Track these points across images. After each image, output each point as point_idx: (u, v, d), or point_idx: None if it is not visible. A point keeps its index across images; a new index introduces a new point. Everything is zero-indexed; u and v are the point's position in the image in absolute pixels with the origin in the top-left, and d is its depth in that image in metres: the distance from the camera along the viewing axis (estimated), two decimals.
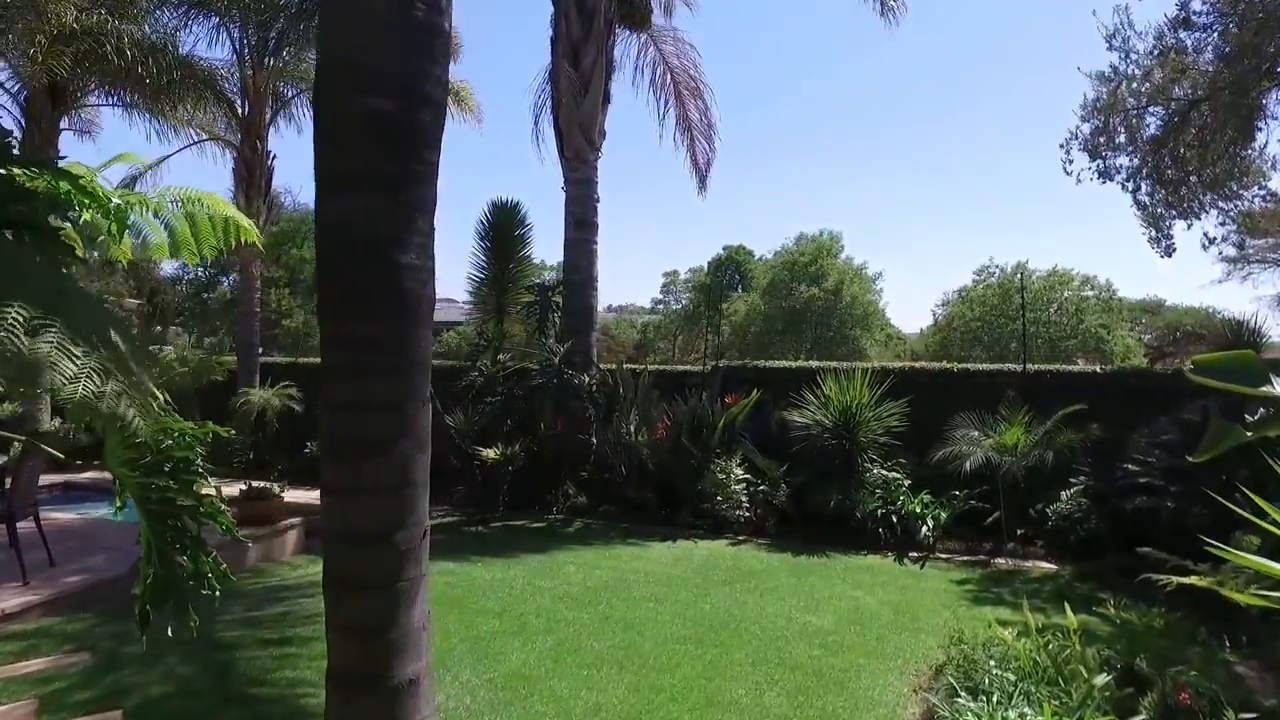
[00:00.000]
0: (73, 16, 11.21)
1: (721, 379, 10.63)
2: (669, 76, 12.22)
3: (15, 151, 2.47)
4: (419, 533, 2.89)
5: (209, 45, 13.97)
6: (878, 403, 9.23)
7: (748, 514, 9.33)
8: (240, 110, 13.70)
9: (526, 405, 10.88)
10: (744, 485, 9.45)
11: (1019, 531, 8.38)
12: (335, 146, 2.83)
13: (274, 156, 13.93)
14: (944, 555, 8.21)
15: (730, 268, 58.44)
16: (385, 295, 2.76)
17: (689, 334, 50.94)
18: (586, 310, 11.31)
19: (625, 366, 10.99)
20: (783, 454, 9.59)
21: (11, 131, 2.44)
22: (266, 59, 13.50)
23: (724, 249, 58.65)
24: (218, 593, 2.87)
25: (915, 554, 8.21)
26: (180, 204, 4.18)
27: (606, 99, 11.27)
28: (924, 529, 8.36)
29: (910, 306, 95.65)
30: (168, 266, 39.74)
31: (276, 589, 6.65)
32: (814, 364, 10.44)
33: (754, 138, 78.78)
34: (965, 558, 8.12)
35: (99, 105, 15.36)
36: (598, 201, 11.36)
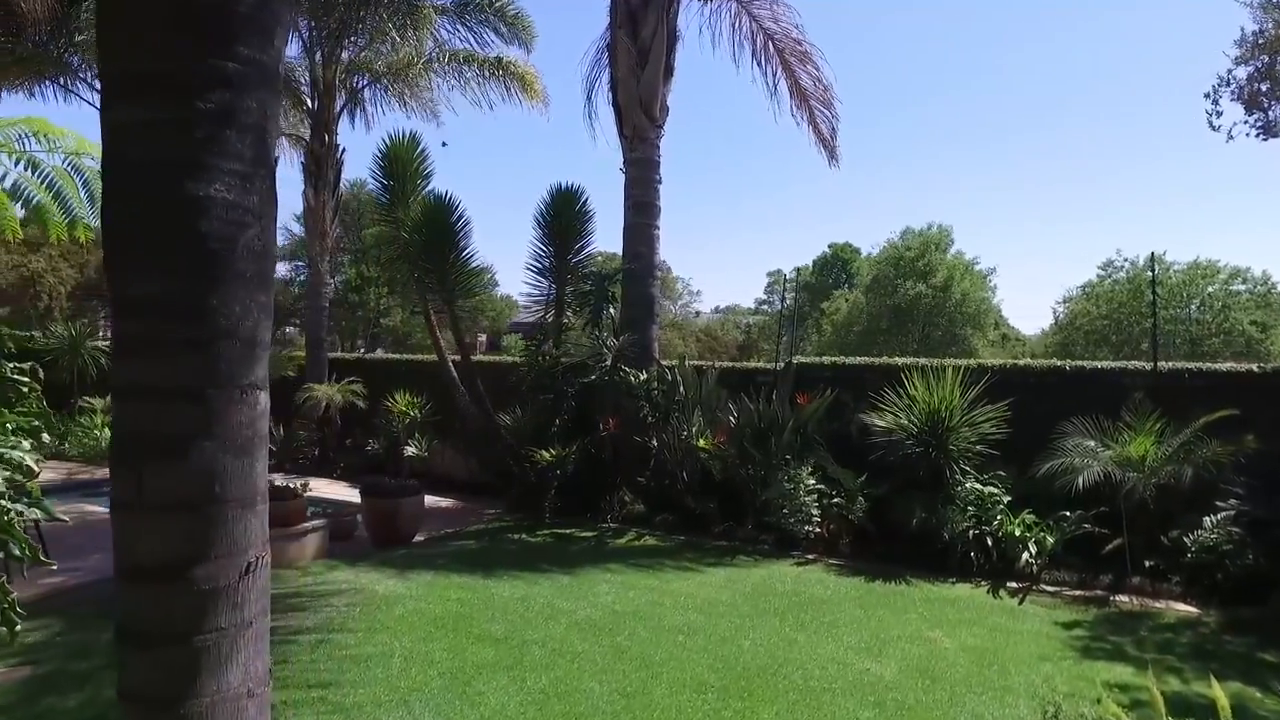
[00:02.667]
0: None
1: (794, 377, 9.53)
2: (770, 44, 11.09)
3: None
4: (237, 566, 2.09)
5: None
6: (972, 405, 7.92)
7: (818, 529, 8.22)
8: (310, 104, 13.59)
9: (577, 404, 10.12)
10: (815, 497, 8.33)
11: (1147, 564, 6.91)
12: (113, 35, 2.08)
13: (343, 150, 13.75)
14: (1049, 588, 6.85)
15: (836, 265, 56.42)
16: (174, 241, 1.98)
17: (793, 335, 49.41)
18: (646, 301, 10.43)
19: (688, 363, 10.04)
20: (861, 462, 8.41)
21: None
22: (337, 51, 13.32)
23: (829, 246, 56.80)
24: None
25: (1013, 585, 6.89)
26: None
27: (669, 71, 10.36)
28: (1025, 555, 7.03)
29: (1029, 306, 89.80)
30: (281, 268, 41.78)
31: (281, 596, 6.08)
32: (899, 360, 9.17)
33: (861, 132, 75.69)
34: (1076, 593, 6.74)
35: None
36: (659, 183, 10.46)
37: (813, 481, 8.42)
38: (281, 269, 40.13)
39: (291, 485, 7.68)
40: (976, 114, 75.86)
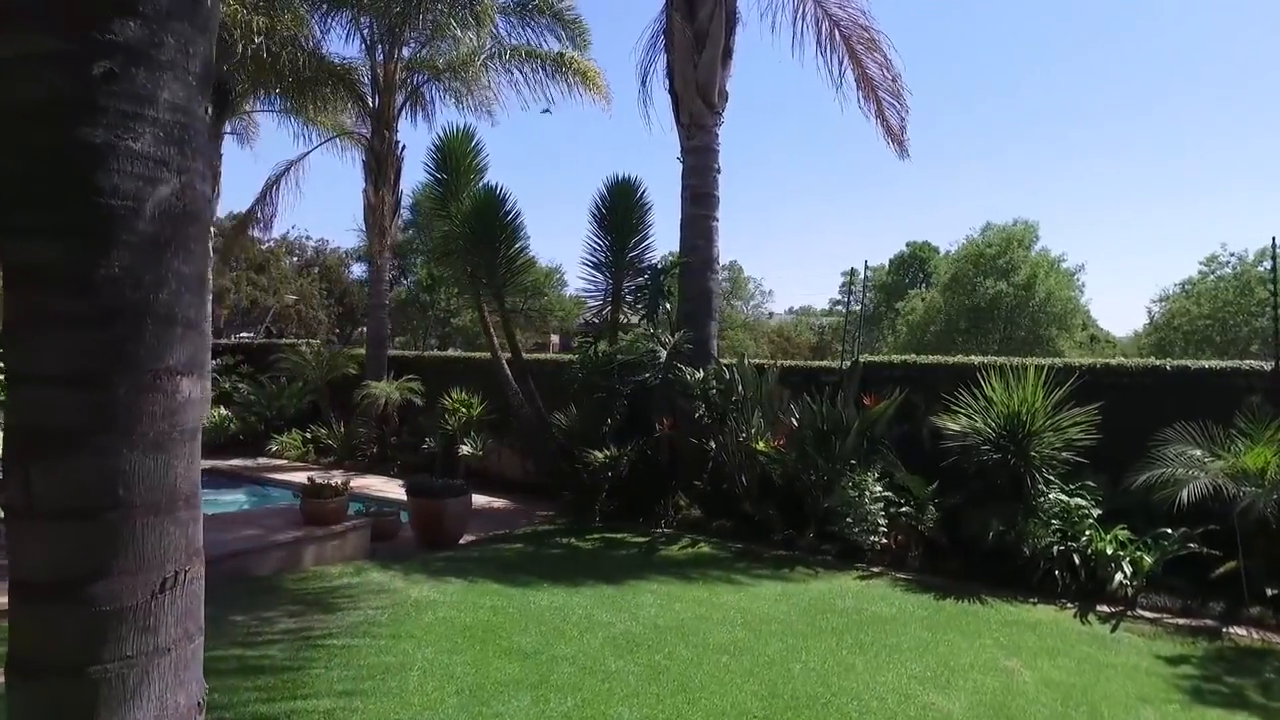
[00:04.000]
0: None
1: (861, 377, 8.93)
2: (835, 31, 10.50)
3: None
4: (148, 583, 1.76)
5: (344, 41, 14.01)
6: (1057, 408, 7.20)
7: (884, 540, 7.63)
8: (371, 102, 13.62)
9: (631, 404, 9.74)
10: (881, 505, 7.74)
11: (1269, 592, 6.09)
12: None
13: (403, 147, 13.75)
14: (1147, 614, 6.10)
15: (914, 265, 54.64)
16: (63, 197, 1.66)
17: (869, 335, 48.07)
18: (705, 296, 9.97)
19: (748, 361, 9.54)
20: (932, 469, 7.77)
21: None
22: (398, 48, 13.32)
23: (907, 245, 55.06)
24: None
25: (1105, 609, 6.17)
26: None
27: (728, 55, 9.88)
28: (1118, 576, 6.29)
29: (1120, 306, 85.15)
30: (356, 269, 42.81)
31: (312, 597, 5.89)
32: (975, 359, 8.46)
33: (940, 124, 73.07)
34: (1180, 621, 5.96)
35: (254, 111, 16.04)
36: (718, 173, 9.99)
37: (879, 488, 7.83)
38: (356, 270, 41.11)
39: (333, 483, 7.53)
40: (1063, 101, 72.46)
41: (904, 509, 7.69)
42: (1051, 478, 7.10)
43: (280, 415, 14.12)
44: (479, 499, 10.45)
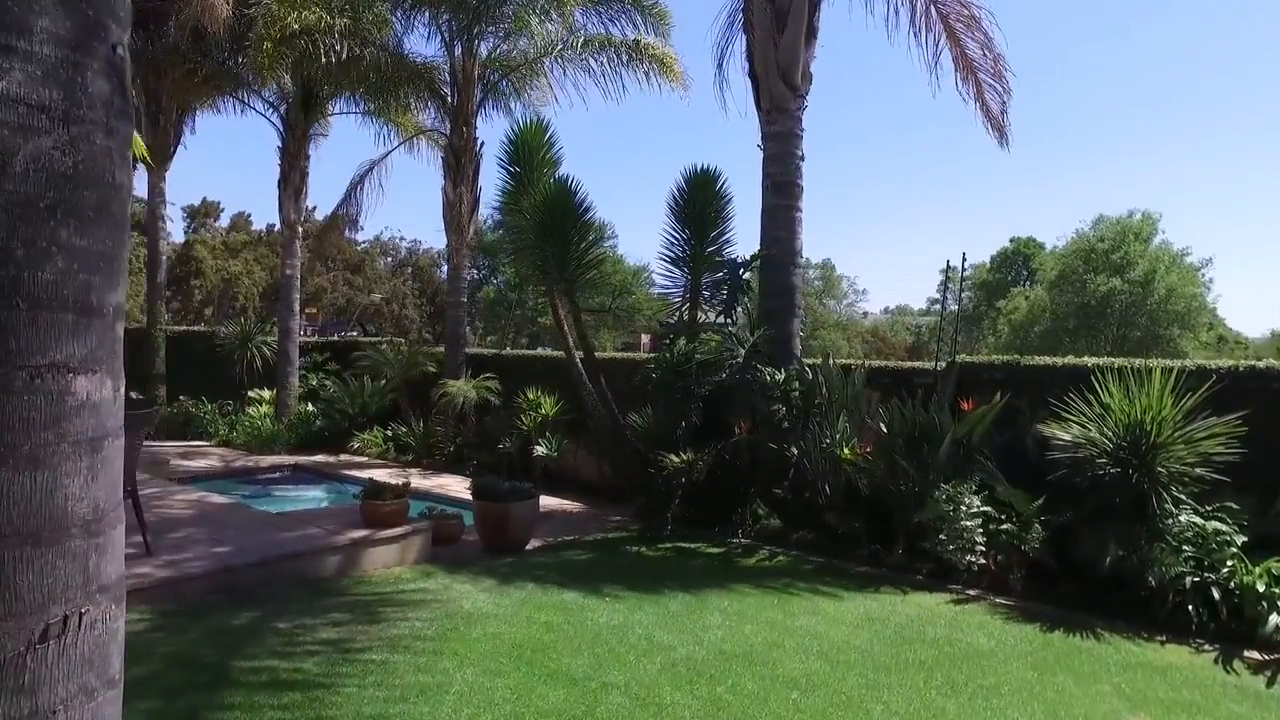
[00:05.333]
0: (293, 17, 11.58)
1: (957, 379, 8.16)
2: (932, 8, 9.74)
3: None
4: (23, 630, 1.41)
5: (424, 41, 14.03)
6: (1188, 417, 6.30)
7: (983, 560, 6.88)
8: (450, 99, 13.57)
9: (707, 405, 9.24)
10: (979, 521, 6.99)
11: None
12: None
13: (481, 144, 13.63)
14: None
15: (1017, 261, 51.93)
16: None
17: (968, 335, 45.92)
18: (786, 291, 9.37)
19: (833, 361, 8.89)
20: (1038, 482, 6.97)
21: None
22: (476, 43, 13.21)
23: (1010, 240, 52.40)
24: None
25: (1255, 656, 5.27)
26: None
27: (811, 34, 9.24)
28: (1274, 618, 5.38)
29: (1253, 304, 78.68)
30: (447, 269, 43.83)
31: (360, 604, 5.65)
32: (1089, 360, 7.57)
33: (1045, 115, 69.17)
34: None
35: (337, 114, 16.33)
36: (801, 160, 9.37)
37: (977, 502, 7.08)
38: (446, 269, 41.99)
39: (396, 483, 7.35)
40: (1189, 86, 67.39)
41: (1005, 526, 6.92)
42: (1182, 497, 6.21)
43: (363, 412, 14.26)
44: (552, 501, 10.18)
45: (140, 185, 16.29)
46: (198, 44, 14.54)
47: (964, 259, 9.25)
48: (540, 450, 11.43)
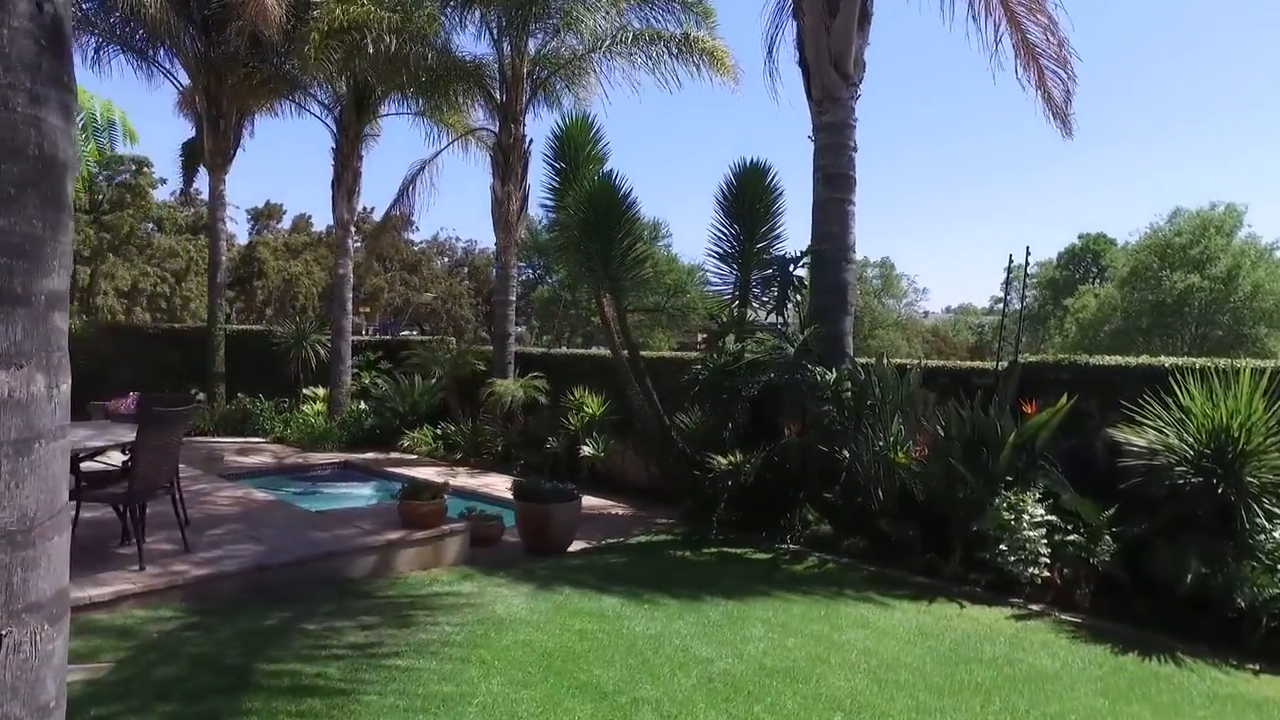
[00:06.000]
0: (341, 10, 11.68)
1: (1020, 379, 7.70)
2: None
3: None
4: None
5: (475, 39, 14.03)
6: None
7: (1047, 573, 6.44)
8: (498, 97, 13.53)
9: (755, 406, 8.94)
10: (1043, 531, 6.55)
11: None
12: None
13: (530, 141, 13.55)
14: None
15: (1086, 258, 49.98)
16: None
17: (1034, 335, 44.36)
18: (839, 289, 9.00)
19: (887, 360, 8.50)
20: (1108, 491, 6.50)
21: None
22: (525, 40, 13.15)
23: (1079, 237, 50.48)
24: None
25: None
26: None
27: (865, 19, 8.85)
28: None
29: None
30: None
31: (391, 607, 5.54)
32: (1166, 360, 7.04)
33: (1116, 105, 66.35)
34: None
35: (390, 114, 16.48)
36: (854, 151, 8.99)
37: (1041, 511, 6.64)
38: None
39: (436, 482, 7.26)
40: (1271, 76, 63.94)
41: (1072, 537, 6.47)
42: (1276, 510, 5.69)
43: (413, 411, 14.34)
44: (598, 502, 10.03)
45: (202, 188, 16.70)
46: (255, 49, 14.83)
47: (1028, 253, 8.75)
48: (587, 450, 11.28)
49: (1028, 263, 8.73)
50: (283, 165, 76.12)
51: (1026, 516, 6.58)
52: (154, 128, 69.31)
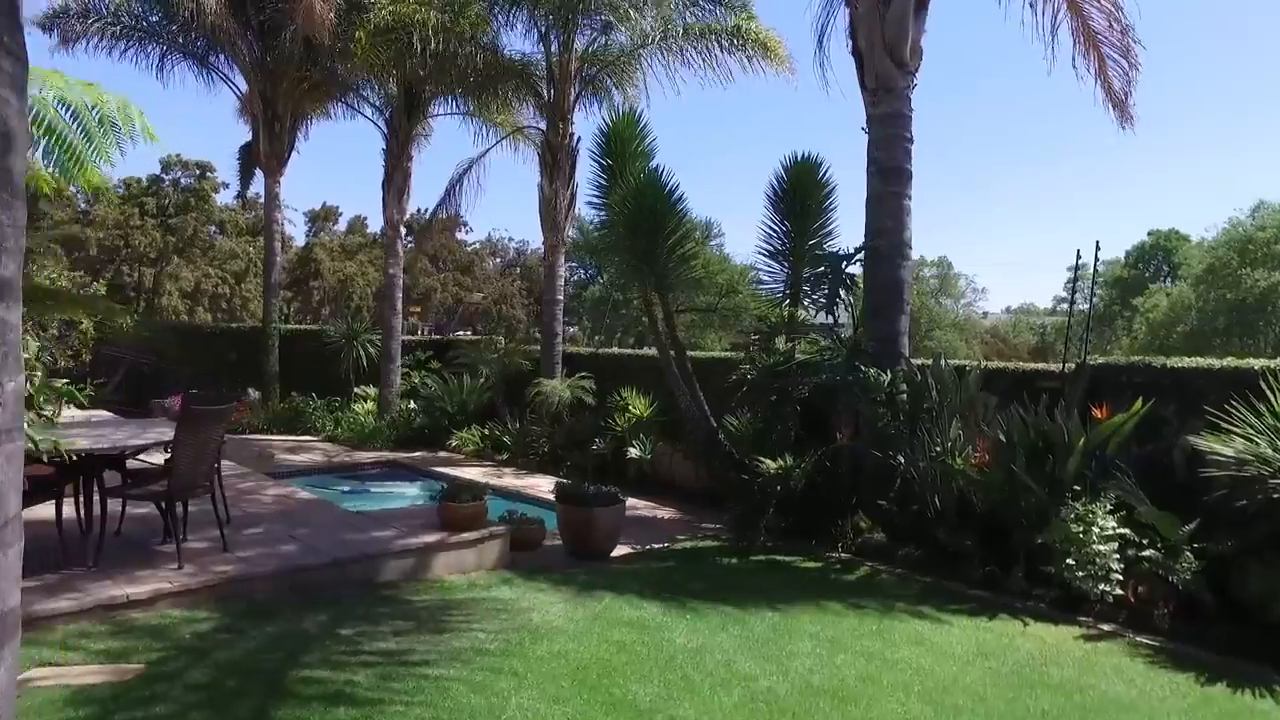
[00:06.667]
0: (389, 9, 11.74)
1: (1088, 383, 7.25)
2: None
3: None
4: None
5: (522, 37, 13.97)
6: None
7: (1119, 590, 6.01)
8: (546, 95, 13.45)
9: (805, 408, 8.63)
10: (1115, 545, 6.12)
11: None
12: None
13: (578, 139, 13.43)
14: None
15: (1157, 256, 47.98)
16: None
17: (1099, 336, 42.77)
18: (894, 286, 8.63)
19: (945, 362, 8.10)
20: (1189, 504, 6.04)
21: None
22: (573, 37, 13.04)
23: (1149, 234, 48.50)
24: None
25: None
26: None
27: (921, 4, 8.45)
28: None
29: None
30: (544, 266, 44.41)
31: (427, 612, 5.41)
32: (1254, 362, 6.51)
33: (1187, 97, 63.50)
34: None
35: (439, 115, 16.55)
36: (910, 143, 8.61)
37: (1113, 524, 6.20)
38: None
39: (477, 483, 7.15)
40: None
41: (1147, 553, 6.03)
42: None
43: (461, 410, 14.35)
44: (644, 505, 9.84)
45: (260, 191, 17.01)
46: (308, 53, 15.05)
47: (1097, 248, 8.25)
48: (633, 452, 11.11)
49: (1097, 258, 8.24)
50: (339, 168, 77.94)
51: (1096, 529, 6.15)
52: (216, 133, 71.62)
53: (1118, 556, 6.06)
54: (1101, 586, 5.99)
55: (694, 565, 7.51)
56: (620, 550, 7.81)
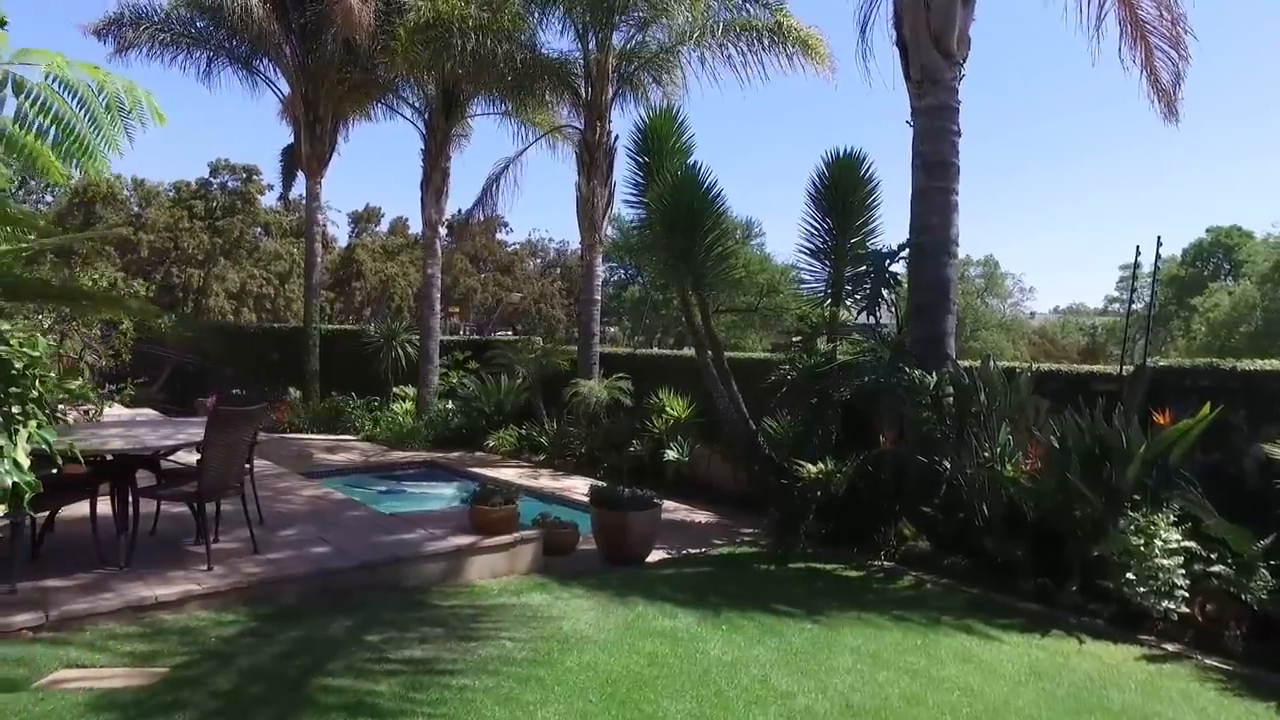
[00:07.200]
0: (428, 6, 11.75)
1: (1147, 386, 6.87)
2: None
3: None
4: None
5: (559, 35, 13.87)
6: None
7: (1185, 608, 5.66)
8: (583, 93, 13.34)
9: (846, 411, 8.36)
10: (1180, 560, 5.77)
11: None
12: None
13: (615, 138, 13.30)
14: None
15: (1217, 254, 46.30)
16: None
17: (1155, 337, 41.44)
18: (940, 285, 8.31)
19: (994, 363, 7.77)
20: (1263, 516, 5.67)
21: None
22: (610, 35, 12.91)
23: (1208, 231, 46.82)
24: None
25: None
26: None
27: None
28: None
29: None
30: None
31: (456, 618, 5.29)
32: None
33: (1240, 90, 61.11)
34: None
35: (477, 115, 16.56)
36: (958, 136, 8.28)
37: (1177, 537, 5.85)
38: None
39: (511, 485, 7.03)
40: None
41: (1217, 569, 5.67)
42: None
43: (499, 411, 14.32)
44: (681, 508, 9.66)
45: (302, 192, 17.21)
46: (349, 54, 15.17)
47: (1159, 243, 7.83)
48: (671, 454, 10.93)
49: (1158, 255, 7.82)
50: (382, 168, 79.00)
51: (1159, 542, 5.81)
52: (261, 135, 73.13)
53: (1183, 572, 5.71)
54: (1165, 604, 5.64)
55: (731, 572, 7.30)
56: (656, 555, 7.64)
